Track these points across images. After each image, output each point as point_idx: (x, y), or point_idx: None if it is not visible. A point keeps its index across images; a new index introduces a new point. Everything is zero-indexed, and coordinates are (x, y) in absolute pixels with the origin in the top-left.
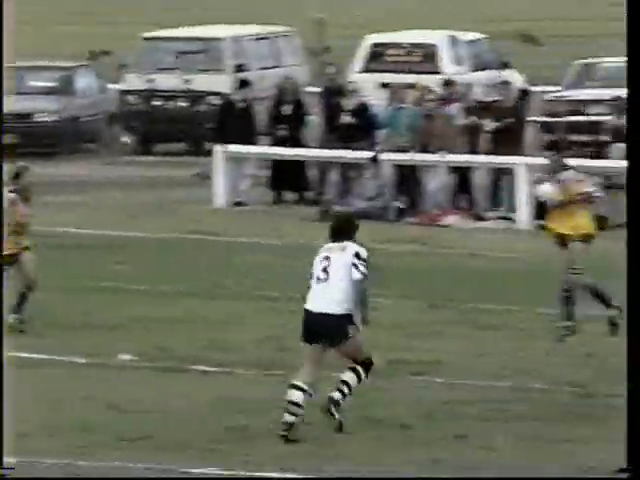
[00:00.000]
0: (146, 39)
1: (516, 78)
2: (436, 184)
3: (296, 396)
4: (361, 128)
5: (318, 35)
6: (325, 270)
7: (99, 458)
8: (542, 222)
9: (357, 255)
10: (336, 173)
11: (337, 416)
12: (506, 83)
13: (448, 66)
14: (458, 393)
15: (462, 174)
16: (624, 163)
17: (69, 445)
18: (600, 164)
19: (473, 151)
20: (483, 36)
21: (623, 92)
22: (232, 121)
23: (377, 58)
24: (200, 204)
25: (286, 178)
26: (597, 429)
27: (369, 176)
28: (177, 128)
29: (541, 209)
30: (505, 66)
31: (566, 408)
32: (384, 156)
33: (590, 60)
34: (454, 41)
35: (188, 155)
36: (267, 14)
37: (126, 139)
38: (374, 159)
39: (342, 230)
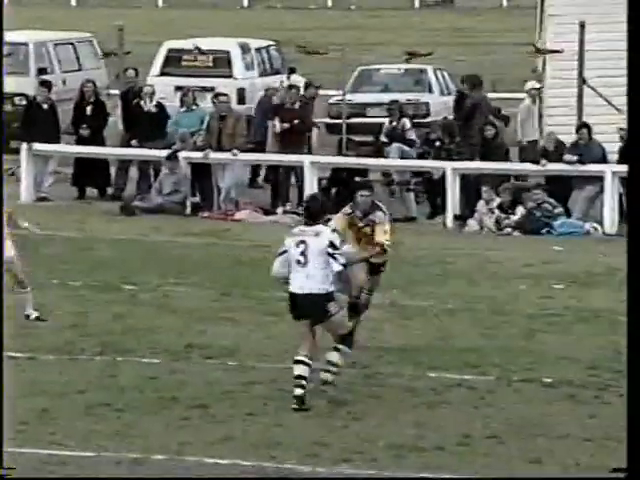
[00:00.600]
0: None
1: (302, 83)
2: (229, 181)
3: (301, 370)
4: (158, 128)
5: (118, 40)
6: (303, 254)
7: None
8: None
9: (332, 245)
10: (135, 170)
11: (328, 390)
12: (292, 87)
13: (240, 71)
14: (250, 375)
15: (254, 171)
16: (401, 162)
17: None
18: (379, 162)
19: (263, 150)
20: (271, 43)
21: (398, 96)
22: (37, 121)
23: (173, 63)
24: (7, 200)
25: (88, 175)
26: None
27: (167, 173)
28: None
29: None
30: (292, 71)
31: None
32: (181, 154)
33: (369, 67)
34: (245, 48)
35: None
36: (71, 22)
37: None
38: (170, 157)
39: (315, 214)
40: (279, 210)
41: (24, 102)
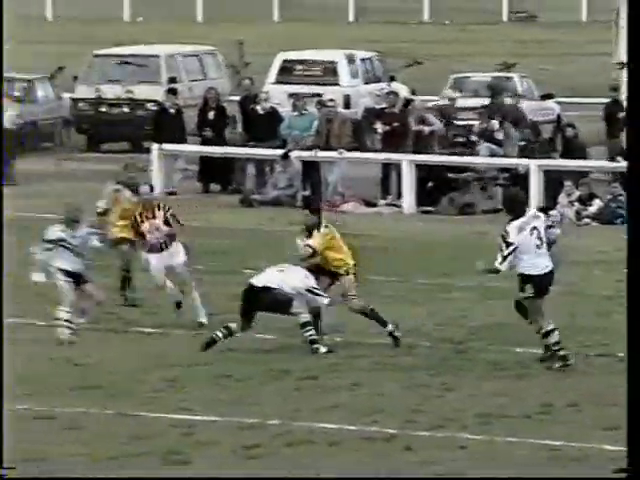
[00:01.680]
0: (96, 56)
1: (401, 89)
2: (335, 176)
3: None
4: (271, 130)
5: (239, 53)
6: (540, 238)
7: (56, 404)
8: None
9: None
10: (253, 167)
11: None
12: (393, 93)
13: (346, 79)
14: (355, 350)
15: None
16: (490, 159)
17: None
18: (471, 160)
19: (365, 149)
20: (374, 54)
21: (488, 101)
22: (166, 124)
23: (287, 72)
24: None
25: (212, 172)
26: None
27: (281, 170)
28: (120, 130)
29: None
30: (392, 79)
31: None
32: (293, 153)
33: (461, 75)
34: (351, 58)
35: (129, 153)
36: (197, 35)
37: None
38: (285, 156)
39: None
40: (381, 202)
41: (155, 108)
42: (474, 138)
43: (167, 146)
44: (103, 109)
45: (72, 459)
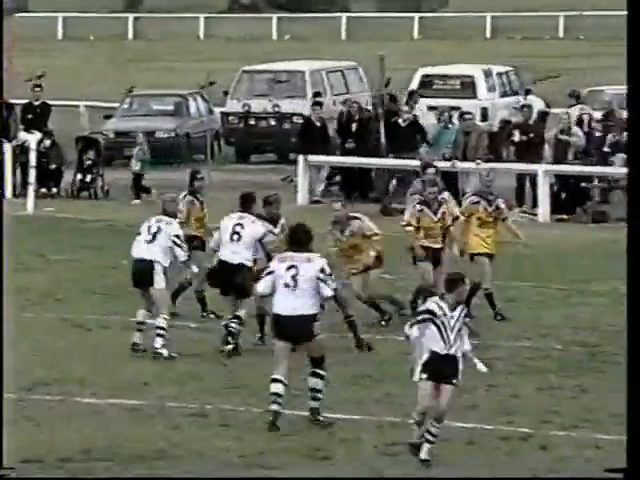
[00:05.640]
0: (244, 72)
1: (537, 102)
2: (473, 186)
3: (278, 388)
4: (412, 140)
5: (380, 68)
6: (294, 278)
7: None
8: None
9: (322, 270)
10: (394, 177)
11: (322, 419)
12: (528, 106)
13: (483, 93)
14: (492, 352)
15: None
16: (623, 169)
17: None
18: (604, 170)
19: (500, 160)
20: (510, 69)
21: (622, 113)
22: (311, 136)
23: (427, 86)
24: (285, 202)
25: (354, 181)
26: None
27: (420, 180)
28: (268, 142)
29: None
30: (527, 92)
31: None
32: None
33: (595, 88)
34: (488, 73)
35: (276, 164)
36: (341, 53)
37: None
38: (426, 166)
39: (302, 241)
40: (516, 210)
41: (301, 120)
42: (607, 149)
43: (312, 157)
44: (251, 122)
45: (226, 454)
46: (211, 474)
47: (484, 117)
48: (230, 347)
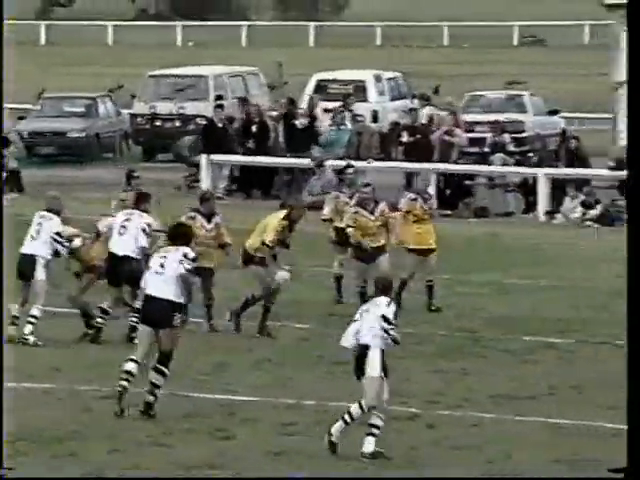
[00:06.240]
0: (150, 76)
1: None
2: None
3: (131, 367)
4: (309, 142)
5: (278, 73)
6: (162, 265)
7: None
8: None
9: (185, 255)
10: (292, 175)
11: (152, 414)
12: (415, 110)
13: (374, 96)
14: None
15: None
16: (503, 168)
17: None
18: (485, 168)
19: (391, 159)
20: (398, 74)
21: (500, 116)
22: (213, 137)
23: (321, 90)
24: (189, 199)
25: (254, 178)
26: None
27: (316, 177)
28: (173, 142)
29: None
30: (414, 97)
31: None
32: (327, 163)
33: (476, 93)
34: (378, 78)
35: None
36: (242, 59)
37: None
38: (319, 164)
39: (178, 236)
40: None
41: (204, 122)
42: (487, 149)
43: (215, 156)
44: (157, 123)
45: (135, 433)
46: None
47: (375, 119)
48: (89, 332)
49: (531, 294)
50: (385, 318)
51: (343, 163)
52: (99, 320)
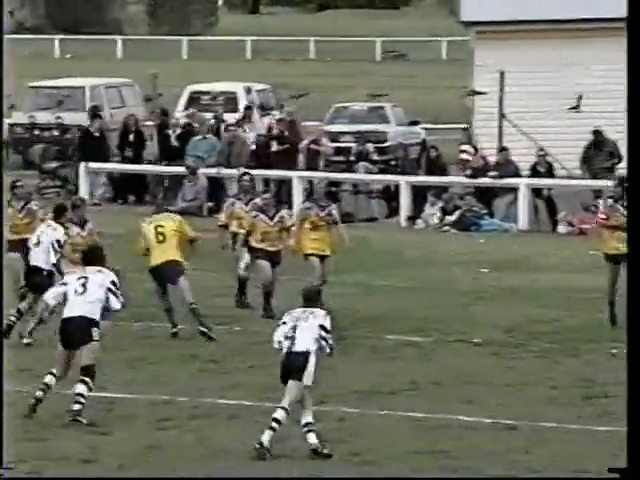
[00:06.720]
0: (30, 87)
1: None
2: (236, 190)
3: (49, 379)
4: (183, 151)
5: (153, 85)
6: (84, 286)
7: None
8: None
9: (114, 283)
10: (166, 182)
11: (84, 421)
12: (283, 120)
13: (244, 107)
14: (252, 337)
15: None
16: (366, 176)
17: None
18: (350, 176)
19: (262, 166)
20: (268, 87)
21: (364, 127)
22: (90, 145)
23: (194, 101)
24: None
25: (130, 186)
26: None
27: (189, 184)
28: (51, 150)
29: None
30: (282, 107)
31: None
32: (200, 170)
33: (341, 104)
34: (248, 90)
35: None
36: (117, 70)
37: None
38: (193, 172)
39: (93, 259)
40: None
41: (80, 131)
42: (352, 158)
43: (92, 164)
44: (36, 132)
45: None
46: None
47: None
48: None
49: (394, 294)
50: (324, 327)
51: (213, 171)
52: (11, 318)
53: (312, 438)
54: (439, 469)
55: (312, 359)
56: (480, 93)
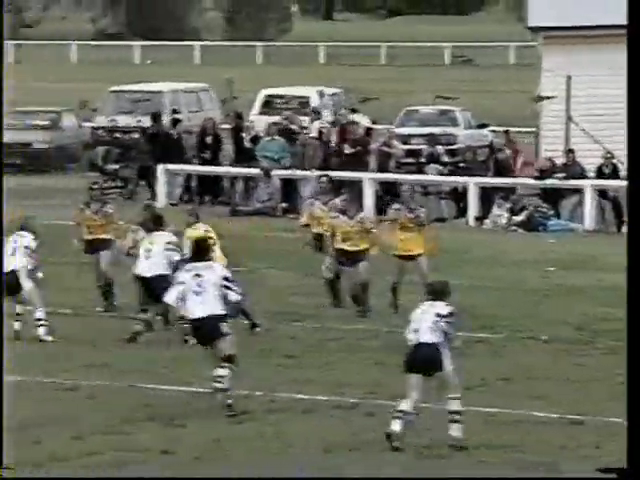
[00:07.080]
0: (111, 92)
1: (363, 119)
2: (309, 191)
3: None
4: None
5: (229, 89)
6: (200, 285)
7: None
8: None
9: (226, 278)
10: (241, 183)
11: (229, 401)
12: (355, 123)
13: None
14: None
15: None
16: (437, 177)
17: None
18: (420, 177)
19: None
20: (340, 90)
21: (434, 130)
22: (169, 147)
23: (269, 105)
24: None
25: (207, 186)
26: None
27: (263, 186)
28: (113, 152)
29: None
30: (354, 111)
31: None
32: (274, 172)
33: (411, 108)
34: (321, 94)
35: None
36: (193, 74)
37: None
38: (267, 173)
39: (202, 251)
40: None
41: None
42: (423, 160)
43: (170, 166)
44: (117, 135)
45: None
46: None
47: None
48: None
49: (464, 293)
50: (440, 315)
51: (287, 172)
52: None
53: (455, 430)
54: (505, 463)
55: (444, 350)
56: (547, 98)
